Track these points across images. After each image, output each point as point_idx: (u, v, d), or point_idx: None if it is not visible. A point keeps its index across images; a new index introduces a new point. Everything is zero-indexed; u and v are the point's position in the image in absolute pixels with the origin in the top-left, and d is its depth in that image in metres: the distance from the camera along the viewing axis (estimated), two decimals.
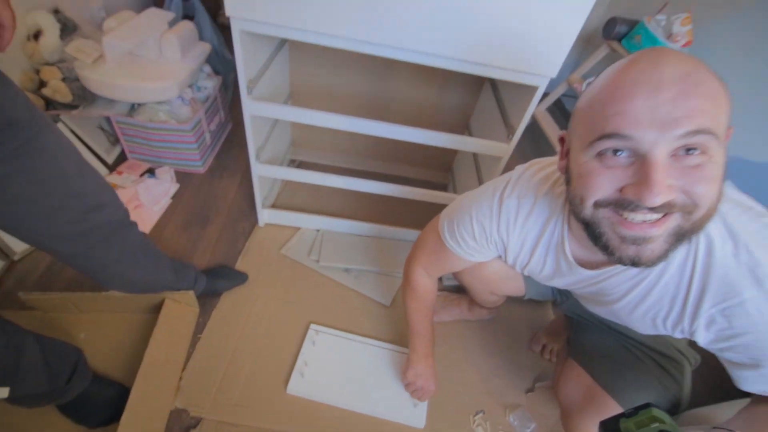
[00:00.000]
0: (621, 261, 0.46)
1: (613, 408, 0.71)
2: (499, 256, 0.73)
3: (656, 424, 0.45)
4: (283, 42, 1.20)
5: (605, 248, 0.47)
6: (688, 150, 0.39)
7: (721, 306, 0.49)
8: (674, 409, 0.73)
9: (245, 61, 0.92)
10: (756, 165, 1.26)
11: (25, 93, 0.64)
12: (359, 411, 0.95)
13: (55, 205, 0.64)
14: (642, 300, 0.57)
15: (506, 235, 0.66)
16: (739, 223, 0.48)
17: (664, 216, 0.42)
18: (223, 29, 1.65)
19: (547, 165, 0.66)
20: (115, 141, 1.45)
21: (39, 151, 0.59)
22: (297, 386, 0.95)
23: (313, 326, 1.07)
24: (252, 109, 1.00)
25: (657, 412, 0.47)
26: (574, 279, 0.64)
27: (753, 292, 0.46)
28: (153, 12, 1.42)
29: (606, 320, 0.80)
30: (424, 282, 0.90)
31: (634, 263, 0.46)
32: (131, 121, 1.31)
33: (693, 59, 0.40)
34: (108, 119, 1.35)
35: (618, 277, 0.58)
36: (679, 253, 0.51)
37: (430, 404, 0.98)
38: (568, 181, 0.51)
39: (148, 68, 1.29)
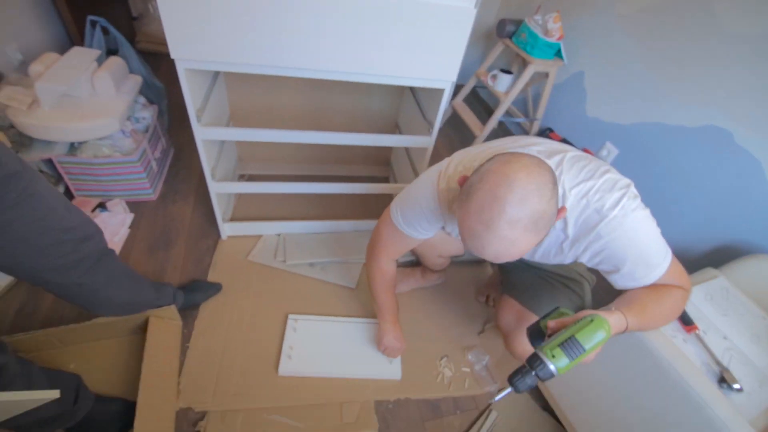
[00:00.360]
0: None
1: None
2: (442, 228, 0.94)
3: (564, 315, 0.67)
4: (217, 73, 1.31)
5: None
6: None
7: (589, 238, 0.73)
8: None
9: (192, 94, 1.03)
10: (624, 127, 1.61)
11: None
12: (344, 376, 1.11)
13: (52, 241, 0.72)
14: (547, 242, 0.81)
15: (446, 214, 0.86)
16: (583, 183, 0.72)
17: None
18: (145, 56, 1.70)
19: (466, 158, 0.84)
20: (57, 181, 1.46)
21: (33, 196, 0.68)
22: (286, 367, 1.09)
23: (291, 316, 1.21)
24: (203, 134, 1.11)
25: (563, 309, 0.70)
26: None
27: (602, 224, 0.70)
28: (78, 51, 1.44)
29: (525, 261, 1.04)
30: (389, 267, 1.07)
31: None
32: (75, 159, 1.34)
33: (515, 243, 0.60)
34: (49, 161, 1.36)
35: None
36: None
37: (402, 359, 1.17)
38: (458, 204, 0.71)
39: (85, 107, 1.33)
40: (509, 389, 0.64)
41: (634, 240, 0.70)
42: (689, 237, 1.36)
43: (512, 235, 0.59)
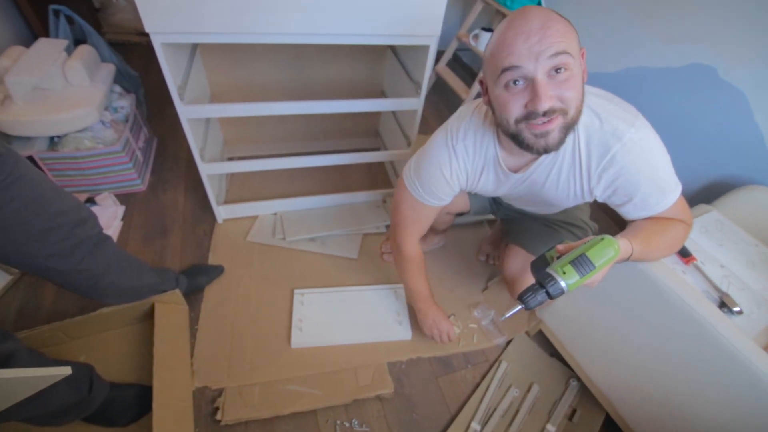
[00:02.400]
0: (538, 151, 0.68)
1: None
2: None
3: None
4: (194, 49, 1.26)
5: (527, 147, 0.68)
6: (557, 70, 0.60)
7: (602, 164, 0.71)
8: None
9: (171, 71, 0.99)
10: (609, 75, 1.60)
11: None
12: (356, 342, 1.12)
13: (45, 226, 0.70)
14: (557, 179, 0.79)
15: (468, 168, 0.84)
16: (598, 106, 0.71)
17: (552, 119, 0.63)
18: (115, 47, 1.63)
19: (473, 107, 0.83)
20: None
21: (21, 178, 0.66)
22: (299, 340, 1.10)
23: (297, 291, 1.21)
24: (188, 113, 1.08)
25: (565, 242, 0.70)
26: (510, 184, 0.86)
27: (617, 147, 0.69)
28: (45, 42, 1.38)
29: (529, 212, 1.05)
30: (416, 250, 1.05)
31: (546, 150, 0.67)
32: (57, 154, 1.30)
33: (548, 12, 0.60)
34: (29, 158, 1.32)
35: (537, 171, 0.80)
36: (569, 143, 0.73)
37: (411, 318, 1.19)
38: (493, 111, 0.71)
39: (60, 99, 1.28)
40: (519, 306, 0.65)
41: (649, 163, 0.69)
42: (682, 176, 1.33)
43: (543, 10, 0.60)
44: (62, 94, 1.30)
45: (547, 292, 0.62)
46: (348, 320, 1.17)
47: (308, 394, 1.01)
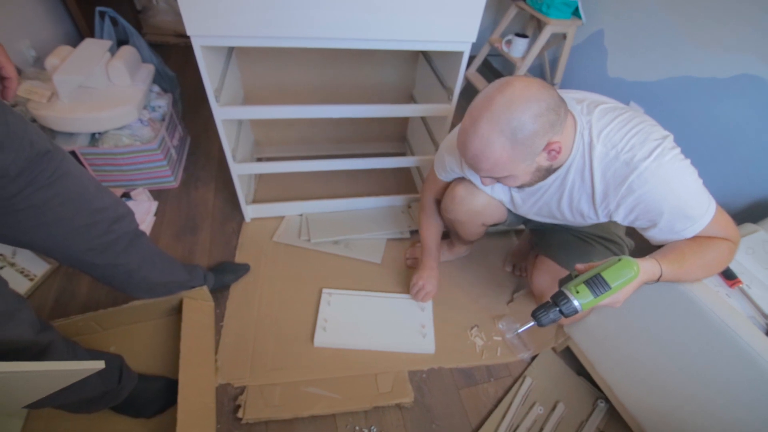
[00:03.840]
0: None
1: None
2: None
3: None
4: (230, 52, 1.29)
5: None
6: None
7: (620, 192, 0.70)
8: None
9: (209, 73, 1.02)
10: (650, 84, 1.54)
11: None
12: (378, 349, 1.11)
13: (85, 222, 0.73)
14: (570, 201, 0.80)
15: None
16: (616, 135, 0.69)
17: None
18: (154, 47, 1.69)
19: None
20: None
21: (66, 175, 0.68)
22: (322, 339, 1.10)
23: (325, 290, 1.22)
24: (223, 114, 1.11)
25: (593, 260, 0.68)
26: (522, 197, 0.90)
27: (633, 177, 0.67)
28: (91, 43, 1.44)
29: (559, 224, 1.02)
30: (432, 205, 1.16)
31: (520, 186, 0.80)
32: (97, 150, 1.35)
33: (483, 144, 0.65)
34: (72, 153, 1.38)
35: (548, 192, 0.83)
36: (575, 171, 0.74)
37: (436, 332, 1.17)
38: None
39: (102, 97, 1.33)
40: (532, 323, 0.65)
41: (670, 191, 0.67)
42: (727, 193, 1.31)
43: (489, 135, 0.64)
44: (105, 93, 1.35)
45: (561, 311, 0.62)
46: (372, 326, 1.16)
47: (328, 397, 1.01)
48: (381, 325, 1.16)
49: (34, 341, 0.64)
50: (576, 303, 0.61)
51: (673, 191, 0.67)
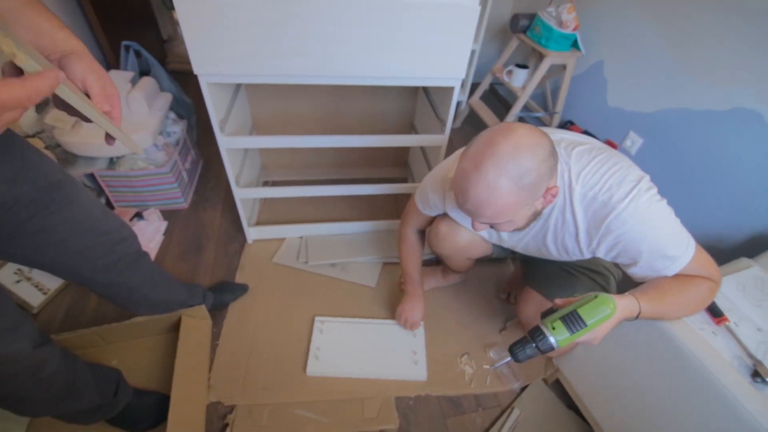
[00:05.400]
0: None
1: None
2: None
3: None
4: (239, 85, 1.38)
5: None
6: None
7: (600, 232, 0.72)
8: None
9: (214, 106, 1.10)
10: (648, 115, 1.55)
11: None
12: (371, 377, 1.13)
13: (90, 243, 0.79)
14: (555, 239, 0.82)
15: (449, 196, 0.93)
16: (594, 176, 0.71)
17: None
18: (176, 75, 1.81)
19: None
20: (99, 193, 1.58)
21: (74, 202, 0.75)
22: (314, 368, 1.13)
23: (317, 318, 1.24)
24: (226, 143, 1.18)
25: (575, 294, 0.69)
26: (507, 236, 0.92)
27: (611, 217, 0.69)
28: (114, 74, 1.56)
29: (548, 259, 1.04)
30: (413, 236, 1.15)
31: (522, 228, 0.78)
32: (114, 173, 1.45)
33: (489, 192, 0.63)
34: (91, 175, 1.48)
35: (531, 233, 0.86)
36: (557, 212, 0.77)
37: (428, 359, 1.18)
38: None
39: (122, 125, 1.43)
40: (508, 358, 0.66)
41: (648, 231, 0.68)
42: (722, 227, 1.30)
43: (496, 181, 0.61)
44: (124, 120, 1.45)
45: (537, 347, 0.62)
46: (365, 353, 1.18)
47: (315, 420, 1.03)
48: (373, 353, 1.18)
49: (31, 354, 0.69)
50: (552, 339, 0.62)
51: (651, 231, 0.68)
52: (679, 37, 1.39)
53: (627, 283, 0.82)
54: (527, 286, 1.09)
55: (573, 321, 0.62)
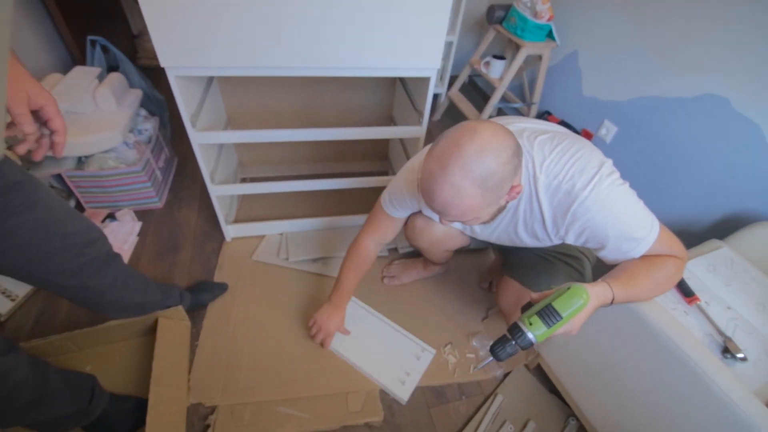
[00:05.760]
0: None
1: None
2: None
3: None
4: (211, 78, 1.34)
5: None
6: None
7: (566, 220, 0.74)
8: None
9: (184, 100, 1.06)
10: (622, 103, 1.58)
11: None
12: (363, 368, 1.13)
13: (56, 246, 0.76)
14: (525, 228, 0.84)
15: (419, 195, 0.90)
16: (557, 165, 0.72)
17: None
18: (147, 71, 1.75)
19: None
20: (68, 195, 1.52)
21: (37, 203, 0.72)
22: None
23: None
24: (198, 138, 1.15)
25: (552, 287, 0.70)
26: (486, 228, 0.92)
27: (575, 205, 0.71)
28: (80, 70, 1.50)
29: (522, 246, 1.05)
30: (370, 249, 1.10)
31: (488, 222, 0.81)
32: (83, 173, 1.40)
33: (451, 194, 0.64)
34: (58, 176, 1.42)
35: (502, 224, 0.87)
36: (524, 203, 0.78)
37: (416, 383, 1.15)
38: None
39: (88, 122, 1.38)
40: (490, 358, 0.67)
41: (612, 216, 0.70)
42: (694, 210, 1.34)
43: (461, 183, 0.62)
44: (91, 118, 1.40)
45: (517, 344, 0.63)
46: (369, 344, 1.18)
47: (297, 417, 1.02)
48: (376, 348, 1.17)
49: None
50: (530, 335, 0.63)
51: (615, 216, 0.70)
52: (650, 27, 1.42)
53: (601, 266, 0.83)
54: (504, 275, 1.10)
55: (549, 314, 0.63)
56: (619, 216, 0.70)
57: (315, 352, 1.16)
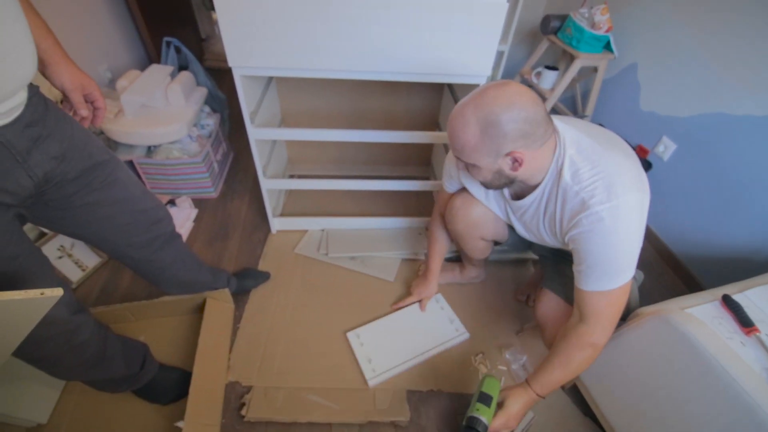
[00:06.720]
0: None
1: None
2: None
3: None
4: (270, 79, 1.43)
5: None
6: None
7: (571, 223, 0.75)
8: (625, 312, 0.95)
9: (246, 98, 1.14)
10: (683, 119, 1.50)
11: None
12: (423, 357, 1.17)
13: (129, 221, 0.85)
14: (544, 215, 0.84)
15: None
16: (590, 170, 0.72)
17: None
18: (211, 72, 1.90)
19: None
20: None
21: (116, 181, 0.81)
22: (375, 378, 1.11)
23: (350, 333, 1.21)
24: (256, 134, 1.23)
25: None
26: (512, 210, 0.94)
27: (583, 214, 0.71)
28: (155, 68, 1.65)
29: (558, 254, 1.03)
30: (439, 230, 1.20)
31: (487, 186, 0.87)
32: (151, 161, 1.53)
33: (459, 126, 0.70)
34: (130, 162, 1.57)
35: (530, 208, 0.87)
36: (548, 187, 0.79)
37: (464, 321, 1.28)
38: None
39: (159, 115, 1.52)
40: None
41: (604, 242, 0.71)
42: (756, 238, 1.24)
43: (468, 117, 0.68)
44: (162, 112, 1.54)
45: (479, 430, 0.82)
46: (407, 338, 1.21)
47: (327, 406, 1.05)
48: (412, 334, 1.23)
49: (68, 320, 0.75)
50: (483, 419, 0.82)
51: (607, 243, 0.71)
52: (718, 41, 1.34)
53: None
54: (543, 287, 1.07)
55: (484, 398, 0.85)
56: (610, 245, 0.71)
57: (345, 347, 1.19)
